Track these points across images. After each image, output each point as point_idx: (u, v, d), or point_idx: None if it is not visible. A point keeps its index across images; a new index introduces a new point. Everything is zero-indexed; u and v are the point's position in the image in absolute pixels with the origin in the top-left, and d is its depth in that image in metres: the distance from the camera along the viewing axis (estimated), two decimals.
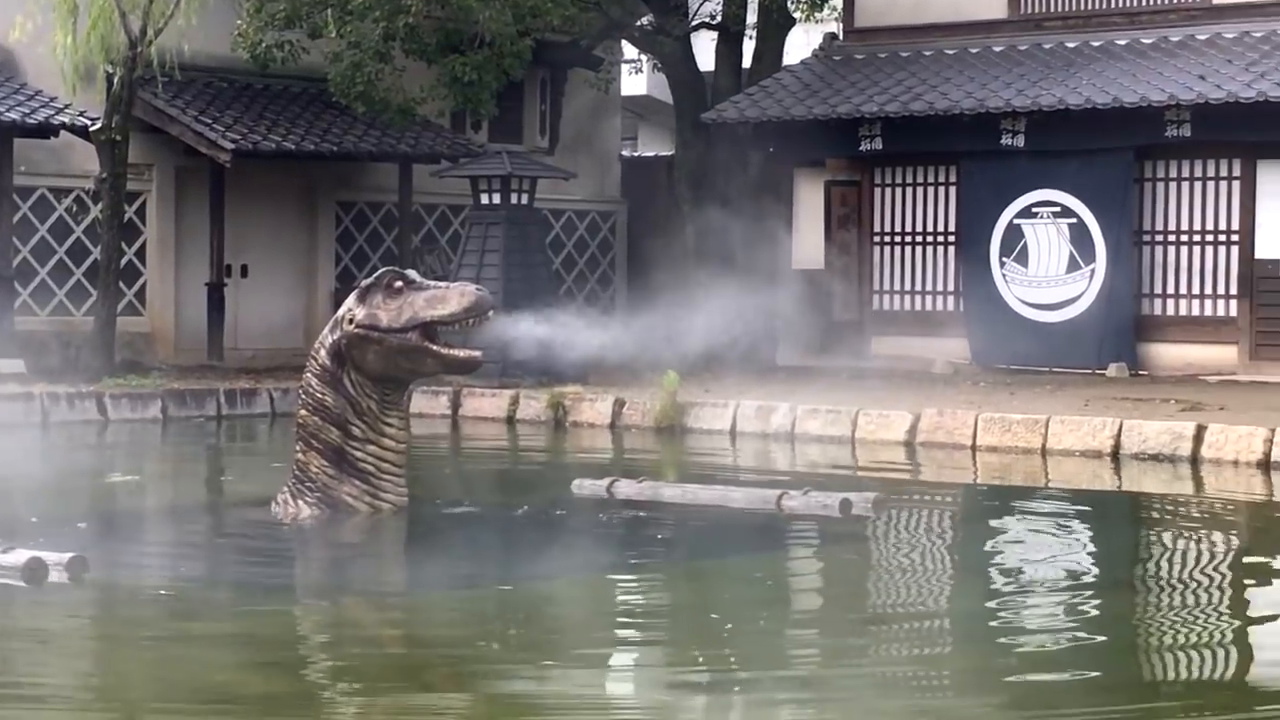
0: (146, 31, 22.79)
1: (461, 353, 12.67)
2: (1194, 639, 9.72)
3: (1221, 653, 9.43)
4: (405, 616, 10.46)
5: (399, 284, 12.61)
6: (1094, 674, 8.80)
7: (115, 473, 17.00)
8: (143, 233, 26.12)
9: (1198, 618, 10.36)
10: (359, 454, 12.71)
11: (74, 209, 25.32)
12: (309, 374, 12.84)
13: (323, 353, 12.75)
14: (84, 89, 23.08)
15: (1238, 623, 10.28)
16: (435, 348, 12.51)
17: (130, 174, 24.01)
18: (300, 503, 12.74)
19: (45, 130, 23.62)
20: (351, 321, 12.60)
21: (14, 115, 23.22)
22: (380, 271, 12.97)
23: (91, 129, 23.14)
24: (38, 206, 25.04)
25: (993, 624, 10.07)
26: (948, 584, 11.79)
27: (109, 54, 22.85)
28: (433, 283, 12.89)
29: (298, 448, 12.86)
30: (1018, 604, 10.85)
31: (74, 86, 22.80)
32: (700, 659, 9.25)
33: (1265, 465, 16.85)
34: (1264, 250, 23.39)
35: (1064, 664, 9.06)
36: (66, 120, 23.48)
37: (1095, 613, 10.51)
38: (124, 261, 24.56)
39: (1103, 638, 9.70)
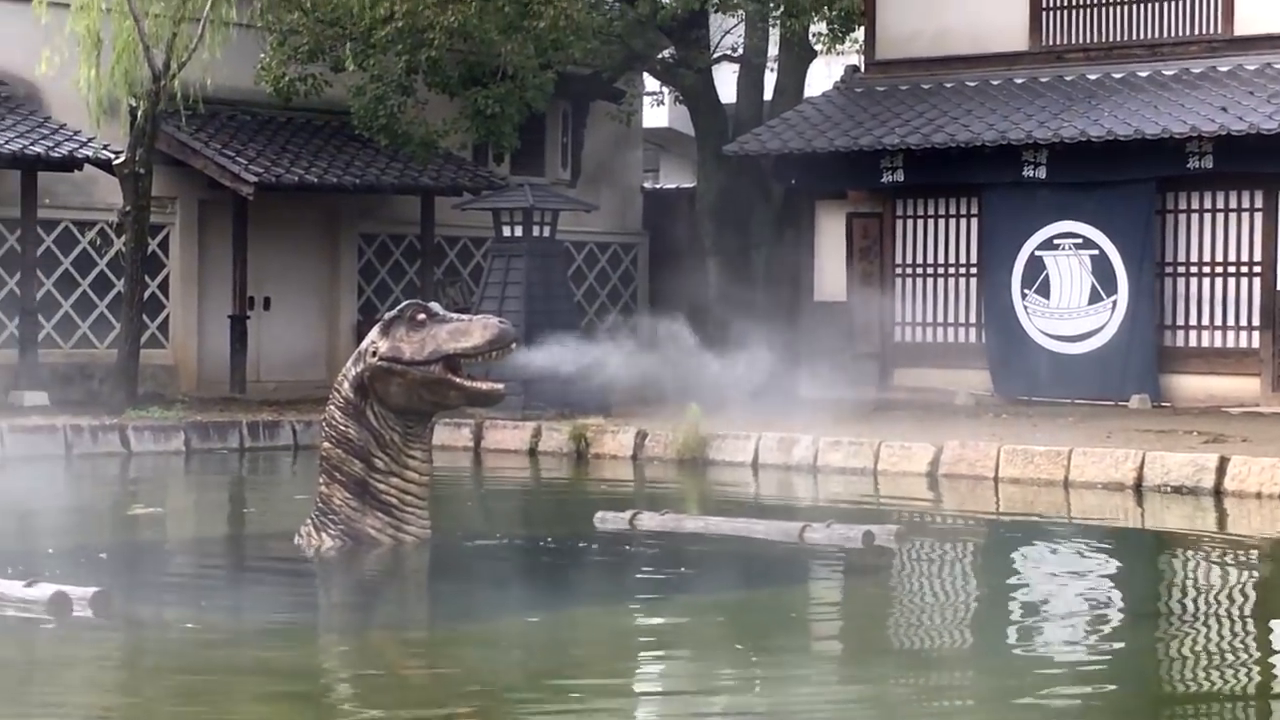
0: (170, 65, 22.89)
1: (484, 385, 12.68)
2: (1217, 676, 9.70)
3: (1243, 691, 9.40)
4: (429, 650, 10.47)
5: (422, 316, 12.63)
6: (1114, 712, 8.79)
7: (138, 505, 17.03)
8: (166, 265, 26.18)
9: (1222, 654, 10.33)
10: (382, 486, 12.72)
11: (97, 242, 25.37)
12: (332, 406, 12.86)
13: (346, 385, 12.77)
14: (107, 122, 23.16)
15: (1260, 660, 10.25)
16: (458, 380, 12.52)
17: (153, 207, 24.03)
18: (323, 535, 12.75)
19: (69, 164, 23.68)
20: (375, 354, 12.62)
21: (38, 149, 23.28)
22: (403, 304, 12.99)
23: (115, 162, 23.18)
24: (61, 240, 25.13)
25: (1013, 658, 10.06)
26: (969, 617, 11.77)
27: (132, 87, 22.96)
28: (455, 315, 12.91)
29: (321, 480, 12.87)
30: (1038, 638, 10.84)
31: (98, 120, 22.88)
32: (725, 691, 9.25)
33: None
34: None
35: (1083, 700, 9.04)
36: (90, 154, 23.54)
37: (1118, 649, 10.50)
38: (147, 294, 24.59)
39: (1125, 674, 9.69)
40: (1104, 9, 25.22)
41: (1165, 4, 24.80)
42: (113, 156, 23.30)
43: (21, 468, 19.47)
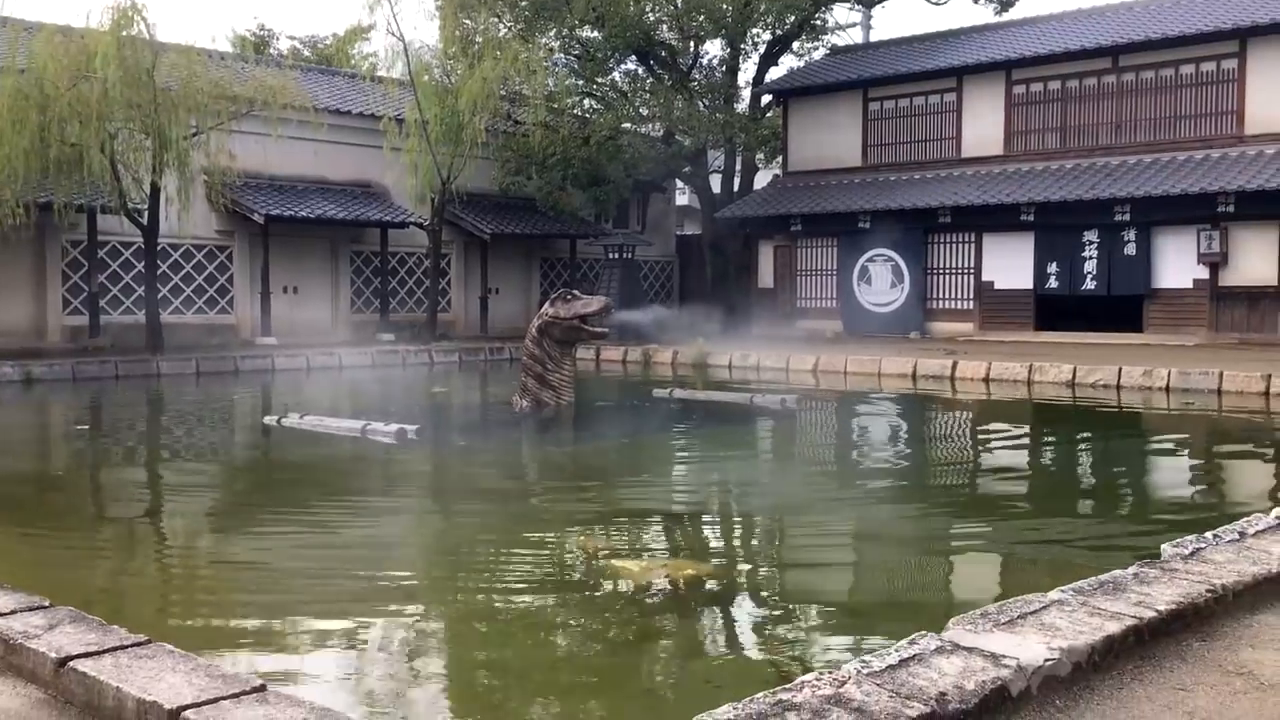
0: (449, 177, 22.90)
1: (598, 330, 12.66)
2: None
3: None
4: (572, 456, 10.47)
5: (569, 296, 12.61)
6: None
7: (436, 387, 17.09)
8: (449, 273, 26.19)
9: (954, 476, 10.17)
10: (552, 379, 12.67)
11: (418, 265, 25.43)
12: (527, 340, 12.81)
13: (532, 329, 12.73)
14: (419, 205, 23.21)
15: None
16: (586, 328, 12.45)
17: (443, 246, 24.08)
18: (523, 401, 12.75)
19: (402, 225, 23.67)
20: (546, 315, 12.62)
21: (388, 217, 23.34)
22: (559, 290, 12.94)
23: (424, 224, 23.26)
24: (401, 264, 25.20)
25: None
26: (836, 440, 11.66)
27: (431, 187, 22.99)
28: (585, 296, 12.87)
29: (522, 374, 12.85)
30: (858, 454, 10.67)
31: (414, 203, 22.95)
32: (714, 469, 9.26)
33: (986, 380, 16.62)
34: (987, 277, 23.02)
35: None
36: (412, 220, 23.56)
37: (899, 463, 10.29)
38: (441, 286, 24.58)
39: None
40: (910, 142, 24.75)
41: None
42: (423, 221, 23.34)
43: (380, 372, 19.59)
